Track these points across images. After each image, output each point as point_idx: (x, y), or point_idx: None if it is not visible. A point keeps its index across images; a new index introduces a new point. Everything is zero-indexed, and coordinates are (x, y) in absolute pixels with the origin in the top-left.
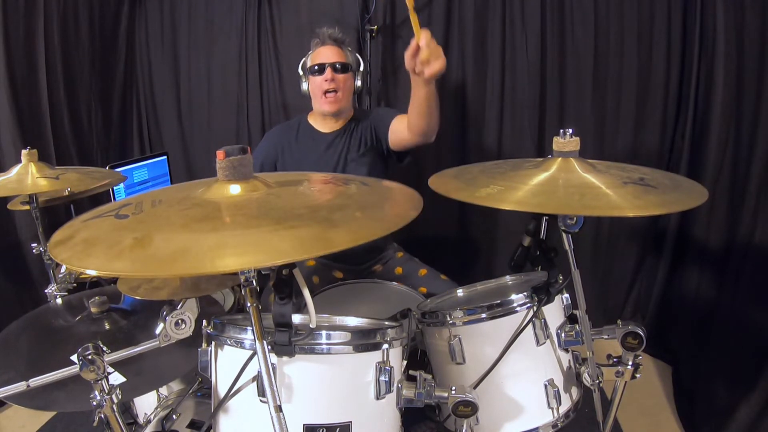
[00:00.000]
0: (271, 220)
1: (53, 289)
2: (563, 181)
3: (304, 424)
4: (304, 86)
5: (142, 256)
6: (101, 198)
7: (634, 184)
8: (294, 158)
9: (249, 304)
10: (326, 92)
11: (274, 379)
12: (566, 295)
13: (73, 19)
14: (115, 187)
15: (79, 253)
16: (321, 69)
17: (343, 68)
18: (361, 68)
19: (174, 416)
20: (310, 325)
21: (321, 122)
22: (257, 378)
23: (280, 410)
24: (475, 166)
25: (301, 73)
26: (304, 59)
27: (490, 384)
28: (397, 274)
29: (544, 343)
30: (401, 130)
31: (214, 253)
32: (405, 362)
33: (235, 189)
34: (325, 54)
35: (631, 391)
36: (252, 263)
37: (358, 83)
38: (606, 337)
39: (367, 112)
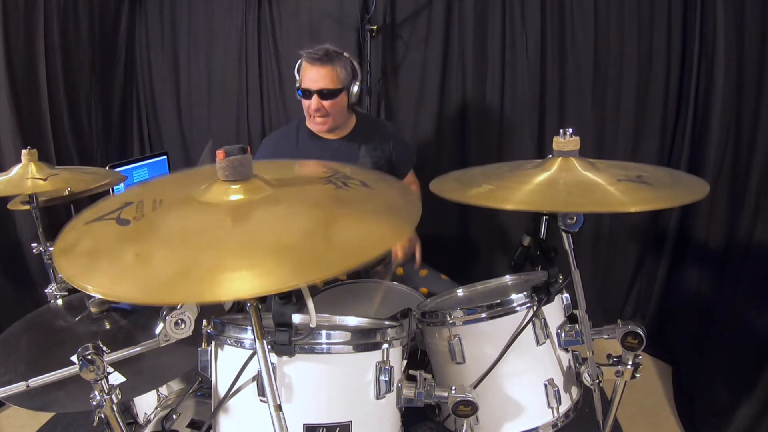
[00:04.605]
0: (269, 250)
1: (53, 289)
2: (564, 181)
3: (304, 424)
4: (299, 93)
5: (144, 277)
6: (101, 198)
7: (635, 182)
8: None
9: (249, 304)
10: (314, 116)
11: (274, 378)
12: (566, 294)
13: (73, 19)
14: (115, 187)
15: (84, 267)
16: (307, 94)
17: (331, 94)
18: (359, 78)
19: (174, 416)
20: (310, 325)
21: None
22: (257, 378)
23: (280, 410)
24: (476, 169)
25: (297, 77)
26: (298, 64)
27: (490, 384)
28: (398, 274)
29: (544, 342)
30: None
31: (213, 276)
32: (405, 362)
33: (235, 190)
34: (312, 77)
35: (631, 391)
36: (253, 290)
37: (355, 89)
38: (606, 336)
39: (378, 125)
